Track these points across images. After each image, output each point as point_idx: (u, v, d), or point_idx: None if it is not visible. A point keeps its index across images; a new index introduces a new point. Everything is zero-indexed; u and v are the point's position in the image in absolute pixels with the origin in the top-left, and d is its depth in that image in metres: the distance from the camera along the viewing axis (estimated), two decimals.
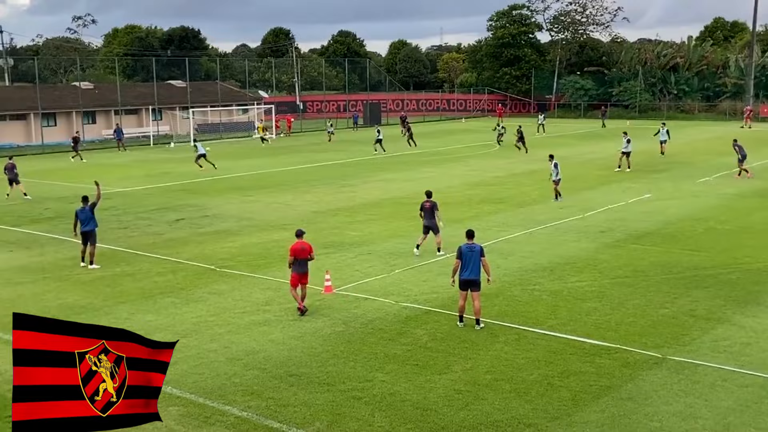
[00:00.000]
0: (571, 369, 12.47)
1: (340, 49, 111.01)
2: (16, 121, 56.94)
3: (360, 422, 10.69)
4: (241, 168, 40.60)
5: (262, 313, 15.59)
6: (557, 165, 28.58)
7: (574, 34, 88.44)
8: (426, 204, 20.38)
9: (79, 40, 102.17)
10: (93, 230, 19.75)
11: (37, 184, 35.27)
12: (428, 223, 20.31)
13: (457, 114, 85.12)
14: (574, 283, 17.59)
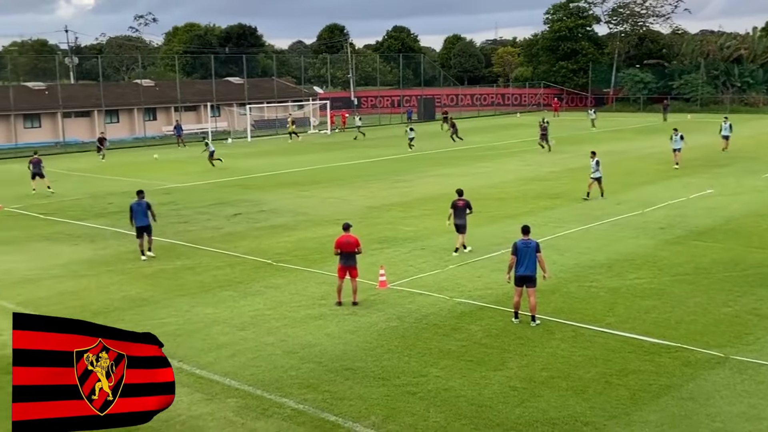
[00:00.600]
0: (630, 367, 12.27)
1: (395, 45, 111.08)
2: (80, 118, 58.61)
3: (415, 417, 10.73)
4: (297, 163, 41.01)
5: (318, 307, 15.75)
6: (599, 162, 27.84)
7: (633, 27, 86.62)
8: (459, 203, 19.92)
9: (141, 39, 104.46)
10: (148, 224, 20.36)
11: (101, 179, 36.26)
12: (458, 222, 19.88)
13: (512, 109, 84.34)
14: (633, 280, 17.29)
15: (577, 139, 51.14)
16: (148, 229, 20.39)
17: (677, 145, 35.31)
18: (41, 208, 28.61)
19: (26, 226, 25.29)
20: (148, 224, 20.37)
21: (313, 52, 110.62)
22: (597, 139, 50.39)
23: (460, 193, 20.25)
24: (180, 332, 14.42)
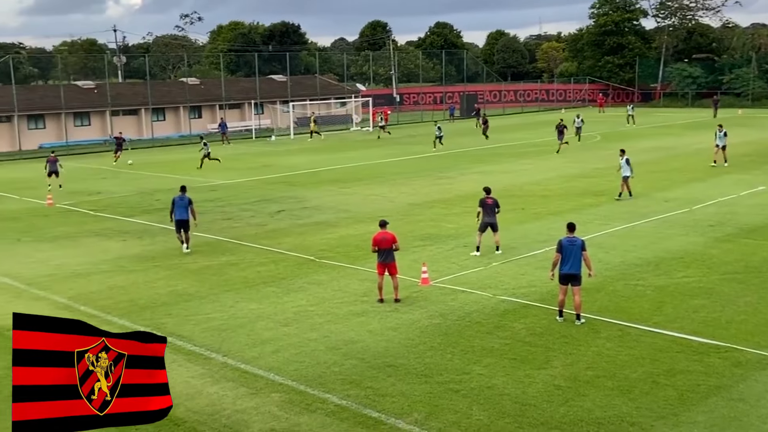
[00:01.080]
0: (678, 367, 12.05)
1: (437, 41, 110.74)
2: (128, 116, 59.68)
3: (458, 415, 10.69)
4: (339, 160, 41.17)
5: (360, 304, 15.80)
6: (629, 161, 26.97)
7: (681, 20, 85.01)
8: (488, 200, 19.51)
9: (186, 37, 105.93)
10: (187, 219, 20.78)
11: (148, 176, 36.87)
12: (489, 221, 19.50)
13: (557, 104, 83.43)
14: (681, 278, 16.97)
15: (623, 136, 50.40)
16: (186, 224, 20.86)
17: (721, 142, 34.26)
18: (91, 205, 29.22)
19: (77, 222, 25.86)
20: (186, 219, 20.84)
21: (355, 49, 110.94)
22: (644, 134, 49.60)
23: (488, 191, 19.81)
24: (225, 327, 14.60)
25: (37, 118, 55.10)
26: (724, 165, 33.89)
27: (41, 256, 21.01)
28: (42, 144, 53.79)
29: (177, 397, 11.50)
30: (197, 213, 21.72)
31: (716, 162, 34.22)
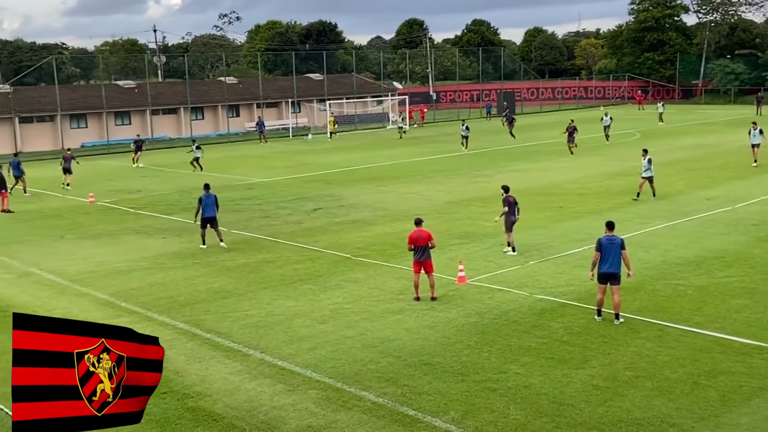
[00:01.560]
0: (719, 368, 11.86)
1: (474, 38, 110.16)
2: (168, 115, 60.50)
3: (495, 414, 10.65)
4: (375, 159, 41.23)
5: (397, 302, 15.82)
6: (651, 161, 26.25)
7: (723, 15, 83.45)
8: (510, 198, 19.49)
9: (225, 37, 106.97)
10: (215, 216, 21.23)
11: (187, 175, 37.33)
12: (515, 218, 19.47)
13: (595, 102, 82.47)
14: (723, 278, 16.68)
15: (663, 133, 49.68)
16: (213, 220, 21.33)
17: (756, 140, 33.30)
18: (131, 203, 29.70)
19: (117, 220, 26.30)
20: (214, 216, 21.34)
21: (392, 47, 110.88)
22: (685, 132, 48.81)
23: (507, 190, 19.87)
24: (262, 324, 14.74)
25: (79, 118, 56.15)
26: (753, 165, 32.98)
27: (84, 253, 21.42)
28: (84, 143, 54.79)
29: (215, 392, 11.68)
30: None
31: (757, 161, 33.43)
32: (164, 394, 11.66)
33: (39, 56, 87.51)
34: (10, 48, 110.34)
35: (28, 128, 53.56)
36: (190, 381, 12.15)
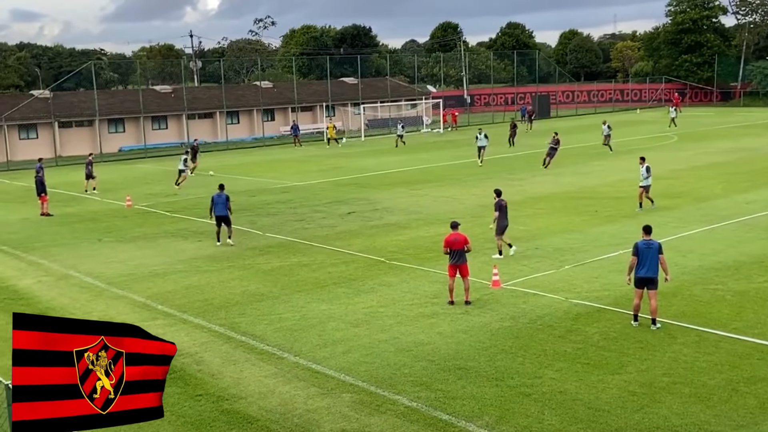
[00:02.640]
0: (759, 375, 11.64)
1: (509, 41, 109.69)
2: (204, 120, 61.21)
3: (529, 419, 10.58)
4: (409, 162, 41.23)
5: (431, 306, 15.79)
6: (649, 169, 25.13)
7: (763, 17, 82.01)
8: (503, 202, 19.68)
9: (260, 42, 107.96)
10: (227, 215, 22.31)
11: (222, 178, 37.62)
12: (507, 222, 19.67)
13: (632, 105, 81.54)
14: (762, 283, 16.37)
15: (701, 136, 48.94)
16: (226, 219, 22.40)
17: None
18: (167, 206, 30.09)
19: (154, 223, 26.66)
20: (226, 215, 22.35)
21: (426, 50, 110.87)
22: (723, 135, 48.02)
23: (499, 193, 20.06)
24: (296, 327, 14.82)
25: (117, 122, 57.08)
26: None
27: (121, 256, 21.75)
28: (122, 147, 55.69)
29: (250, 395, 11.77)
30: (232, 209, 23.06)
31: None
32: (199, 396, 11.79)
33: (78, 62, 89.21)
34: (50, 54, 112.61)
35: (67, 133, 54.59)
36: (225, 383, 12.27)
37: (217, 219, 22.42)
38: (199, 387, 12.17)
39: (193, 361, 13.25)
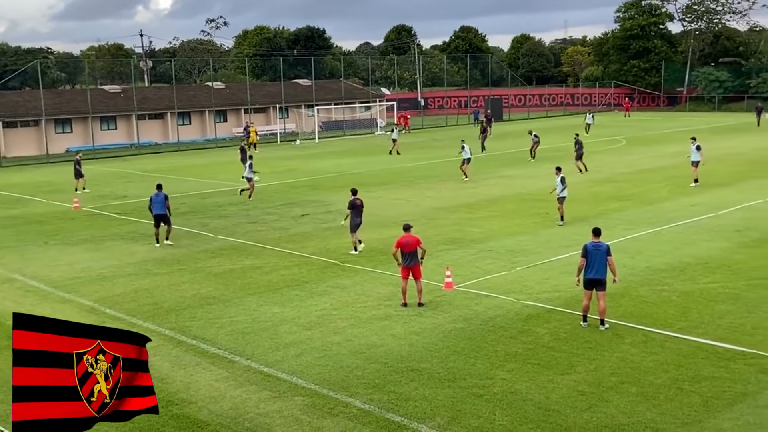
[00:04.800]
0: (703, 374, 11.93)
1: (462, 45, 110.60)
2: (154, 120, 60.29)
3: (481, 420, 10.67)
4: (363, 164, 41.25)
5: (384, 308, 15.82)
6: (564, 179, 23.83)
7: (708, 24, 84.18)
8: (357, 201, 20.57)
9: (212, 42, 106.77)
10: (165, 214, 22.42)
11: (173, 180, 37.18)
12: (360, 221, 20.63)
13: (582, 109, 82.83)
14: (706, 284, 16.80)
15: (649, 140, 49.98)
16: (165, 218, 22.45)
17: None
18: (116, 208, 29.56)
19: (102, 226, 26.17)
20: (164, 214, 22.38)
21: (380, 53, 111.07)
22: (670, 139, 49.12)
23: (356, 192, 21.01)
24: (248, 331, 14.69)
25: (64, 122, 55.88)
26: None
27: (68, 259, 21.30)
28: (69, 148, 54.52)
29: (200, 399, 11.62)
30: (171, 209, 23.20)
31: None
32: None
33: (24, 61, 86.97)
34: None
35: (12, 133, 53.27)
36: (175, 388, 12.10)
37: (156, 218, 22.44)
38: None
39: None
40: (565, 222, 23.69)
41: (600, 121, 63.78)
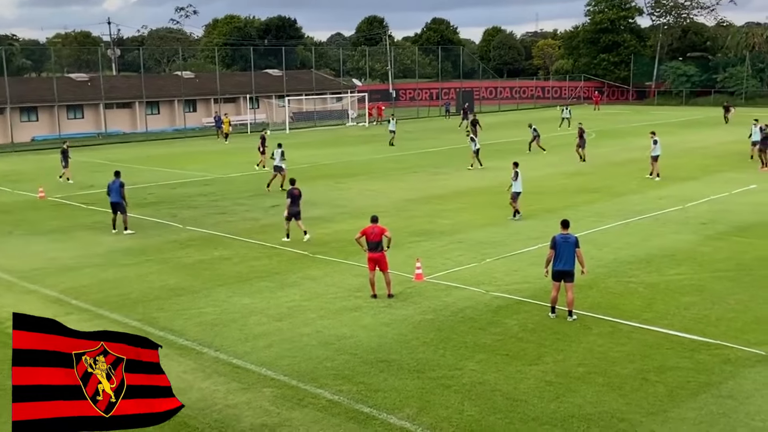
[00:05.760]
0: (668, 364, 12.11)
1: (434, 37, 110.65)
2: (122, 109, 59.52)
3: (449, 410, 10.72)
4: (335, 155, 41.14)
5: (354, 299, 15.81)
6: (518, 174, 23.36)
7: (676, 19, 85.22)
8: (295, 191, 20.96)
9: (182, 31, 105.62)
10: (120, 202, 22.35)
11: (142, 170, 36.79)
12: (298, 209, 20.97)
13: (552, 102, 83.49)
14: (673, 276, 17.03)
15: (617, 133, 50.49)
16: (120, 206, 22.32)
17: (756, 137, 33.75)
18: (83, 198, 29.15)
19: (68, 216, 25.80)
20: (119, 202, 22.26)
21: (352, 44, 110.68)
22: (638, 132, 49.65)
23: (294, 182, 21.45)
24: (217, 322, 14.59)
25: (29, 111, 54.96)
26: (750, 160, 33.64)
27: (33, 249, 20.97)
28: (35, 136, 53.65)
29: None
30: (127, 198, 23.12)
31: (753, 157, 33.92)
32: None
33: None
34: None
35: None
36: None
37: (112, 206, 22.39)
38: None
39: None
40: (519, 217, 23.30)
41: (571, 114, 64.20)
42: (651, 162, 30.99)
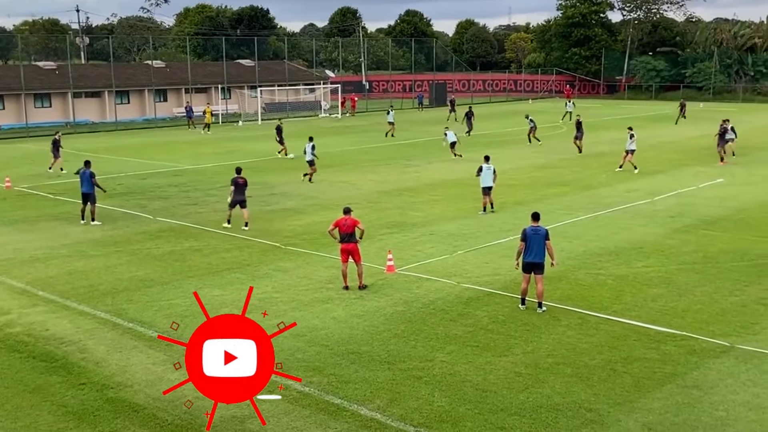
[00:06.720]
0: (635, 355, 12.28)
1: (407, 29, 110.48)
2: (91, 99, 58.71)
3: (420, 401, 10.77)
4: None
5: (325, 291, 15.79)
6: (481, 169, 23.11)
7: (647, 14, 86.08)
8: (240, 180, 21.22)
9: (152, 20, 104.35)
10: (92, 192, 22.25)
11: (111, 160, 36.34)
12: (242, 198, 21.26)
13: (524, 95, 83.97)
14: (641, 268, 17.25)
15: (587, 127, 50.79)
16: (90, 196, 22.23)
17: (730, 135, 34.03)
18: (50, 188, 28.75)
19: (35, 206, 25.43)
20: (90, 192, 22.17)
21: (325, 35, 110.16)
22: (608, 126, 50.13)
23: (240, 171, 21.73)
24: (187, 314, 14.49)
25: None
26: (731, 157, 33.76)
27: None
28: (1, 125, 52.71)
29: (137, 383, 11.44)
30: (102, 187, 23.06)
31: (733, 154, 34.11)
32: (82, 385, 11.37)
33: None
34: None
35: None
36: (110, 371, 11.87)
37: (83, 196, 22.27)
38: (82, 375, 11.74)
39: (76, 349, 12.75)
40: (487, 213, 23.19)
41: (542, 107, 64.72)
42: (624, 155, 31.17)
